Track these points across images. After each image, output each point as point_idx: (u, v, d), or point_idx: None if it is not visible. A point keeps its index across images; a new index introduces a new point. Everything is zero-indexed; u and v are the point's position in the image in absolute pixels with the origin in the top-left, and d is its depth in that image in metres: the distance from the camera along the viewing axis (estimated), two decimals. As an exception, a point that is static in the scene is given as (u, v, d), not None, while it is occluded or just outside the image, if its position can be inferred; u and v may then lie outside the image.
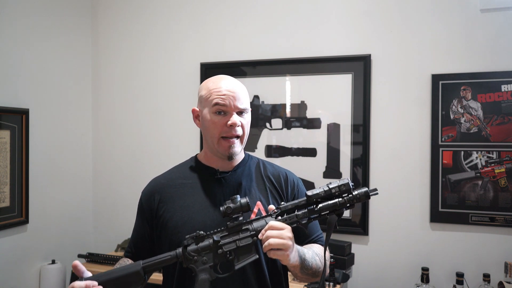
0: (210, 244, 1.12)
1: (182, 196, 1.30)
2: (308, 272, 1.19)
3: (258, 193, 1.30)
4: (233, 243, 1.12)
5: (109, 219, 2.86)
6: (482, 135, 2.17)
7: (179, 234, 1.24)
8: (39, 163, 2.47)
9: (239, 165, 1.34)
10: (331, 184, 1.10)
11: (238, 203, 1.11)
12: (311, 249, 1.23)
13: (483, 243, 2.17)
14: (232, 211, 1.11)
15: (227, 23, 2.61)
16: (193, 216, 1.25)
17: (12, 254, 2.33)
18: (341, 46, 2.40)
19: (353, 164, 2.37)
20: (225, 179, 1.30)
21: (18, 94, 2.35)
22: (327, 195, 1.09)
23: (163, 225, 1.29)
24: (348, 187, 1.09)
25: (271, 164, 1.40)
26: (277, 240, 1.05)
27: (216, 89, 1.25)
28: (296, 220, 1.11)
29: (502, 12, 2.16)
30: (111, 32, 2.86)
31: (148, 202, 1.34)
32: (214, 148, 1.28)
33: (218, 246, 1.12)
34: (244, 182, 1.31)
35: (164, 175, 1.39)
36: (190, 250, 1.12)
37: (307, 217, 1.11)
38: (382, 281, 2.33)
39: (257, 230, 1.11)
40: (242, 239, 1.12)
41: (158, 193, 1.32)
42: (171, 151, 2.71)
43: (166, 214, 1.29)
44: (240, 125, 1.24)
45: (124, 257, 1.39)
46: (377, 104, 2.34)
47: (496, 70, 2.15)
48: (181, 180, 1.33)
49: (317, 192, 1.10)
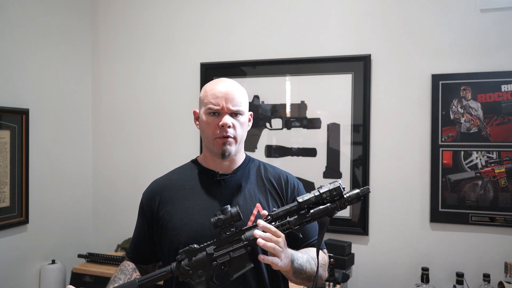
0: (203, 257, 1.12)
1: (182, 198, 1.30)
2: (303, 276, 1.19)
3: (258, 195, 1.30)
4: (226, 254, 1.11)
5: (109, 219, 2.86)
6: (482, 135, 2.17)
7: (178, 235, 1.25)
8: (39, 163, 2.47)
9: (239, 168, 1.34)
10: (322, 189, 1.09)
11: (229, 213, 1.10)
12: (306, 254, 1.23)
13: (483, 243, 2.17)
14: (223, 223, 1.11)
15: (227, 23, 2.61)
16: (192, 218, 1.26)
17: (12, 254, 2.33)
18: (341, 46, 2.40)
19: (353, 164, 2.37)
20: (225, 181, 1.31)
21: (18, 94, 2.35)
22: (318, 200, 1.09)
23: (163, 227, 1.30)
24: (339, 190, 1.08)
25: (272, 167, 1.40)
26: (273, 245, 1.06)
27: (211, 91, 1.28)
28: (289, 226, 1.11)
29: (502, 12, 2.16)
30: (111, 32, 2.86)
31: (148, 203, 1.35)
32: (210, 148, 1.29)
33: (212, 259, 1.12)
34: (244, 184, 1.31)
35: (164, 177, 1.40)
36: (184, 265, 1.13)
37: (299, 223, 1.11)
38: (382, 281, 2.33)
39: (249, 239, 1.11)
40: (235, 249, 1.11)
41: (159, 195, 1.33)
42: (171, 151, 2.71)
43: (166, 216, 1.29)
44: (231, 126, 1.25)
45: (126, 259, 1.41)
46: (377, 104, 2.34)
47: (496, 70, 2.15)
48: (182, 182, 1.34)
49: (308, 198, 1.09)
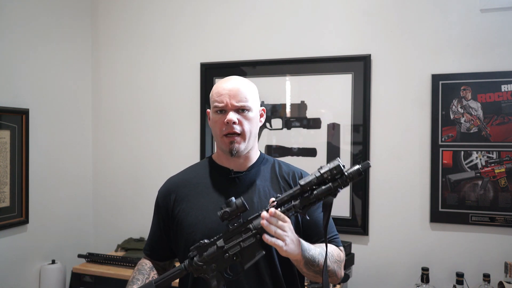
0: (215, 251, 1.14)
1: (197, 196, 1.32)
2: (315, 269, 1.18)
3: (273, 192, 1.31)
4: (237, 245, 1.13)
5: (109, 219, 2.86)
6: (482, 135, 2.17)
7: (193, 233, 1.27)
8: (39, 163, 2.47)
9: (254, 165, 1.35)
10: (322, 169, 1.09)
11: (234, 205, 1.12)
12: (321, 247, 1.22)
13: (483, 243, 2.17)
14: (229, 215, 1.12)
15: (227, 23, 2.61)
16: (207, 215, 1.27)
17: (12, 254, 2.33)
18: (341, 46, 2.40)
19: (353, 164, 2.37)
20: (239, 179, 1.32)
21: (18, 94, 2.35)
22: (319, 181, 1.09)
23: (178, 224, 1.32)
24: (339, 168, 1.08)
25: (287, 164, 1.41)
26: (279, 231, 1.07)
27: (216, 89, 1.30)
28: (295, 211, 1.12)
29: (502, 12, 2.16)
30: (111, 32, 2.86)
31: (164, 201, 1.37)
32: (220, 146, 1.31)
33: (224, 251, 1.14)
34: (258, 181, 1.32)
35: (179, 175, 1.41)
36: (197, 260, 1.15)
37: (304, 205, 1.12)
38: (382, 281, 2.33)
39: (257, 227, 1.12)
40: (245, 239, 1.13)
41: (174, 193, 1.35)
42: (171, 151, 2.71)
43: (182, 214, 1.31)
44: (237, 123, 1.25)
45: (143, 258, 1.43)
46: (377, 104, 2.34)
47: (496, 70, 2.15)
48: (196, 180, 1.35)
49: (310, 180, 1.10)
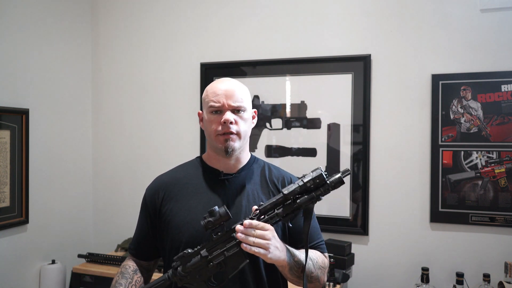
0: (198, 261, 1.14)
1: (185, 196, 1.30)
2: (300, 275, 1.19)
3: (261, 196, 1.30)
4: (221, 255, 1.13)
5: (109, 219, 2.86)
6: (482, 135, 2.17)
7: (180, 234, 1.25)
8: (39, 163, 2.47)
9: (244, 168, 1.34)
10: (305, 178, 1.13)
11: (217, 214, 1.12)
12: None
13: (483, 243, 2.17)
14: (213, 225, 1.12)
15: (227, 23, 2.61)
16: (195, 217, 1.25)
17: (12, 254, 2.33)
18: (341, 46, 2.40)
19: (353, 164, 2.37)
20: (229, 181, 1.31)
21: (18, 94, 2.35)
22: (303, 190, 1.12)
23: (165, 224, 1.30)
24: (322, 177, 1.12)
25: (277, 168, 1.40)
26: (259, 241, 1.08)
27: (211, 90, 1.29)
28: (278, 219, 1.13)
29: (502, 12, 2.16)
30: (111, 32, 2.86)
31: (152, 198, 1.35)
32: (214, 145, 1.29)
33: (208, 261, 1.13)
34: (247, 185, 1.31)
35: (168, 174, 1.40)
36: (181, 270, 1.15)
37: (287, 213, 1.13)
38: (382, 281, 2.33)
39: None
40: (229, 249, 1.13)
41: (163, 190, 1.34)
42: (171, 151, 2.71)
43: (169, 213, 1.30)
44: (234, 122, 1.25)
45: (127, 258, 1.42)
46: (377, 104, 2.34)
47: (496, 70, 2.15)
48: (186, 180, 1.34)
49: (293, 189, 1.12)
